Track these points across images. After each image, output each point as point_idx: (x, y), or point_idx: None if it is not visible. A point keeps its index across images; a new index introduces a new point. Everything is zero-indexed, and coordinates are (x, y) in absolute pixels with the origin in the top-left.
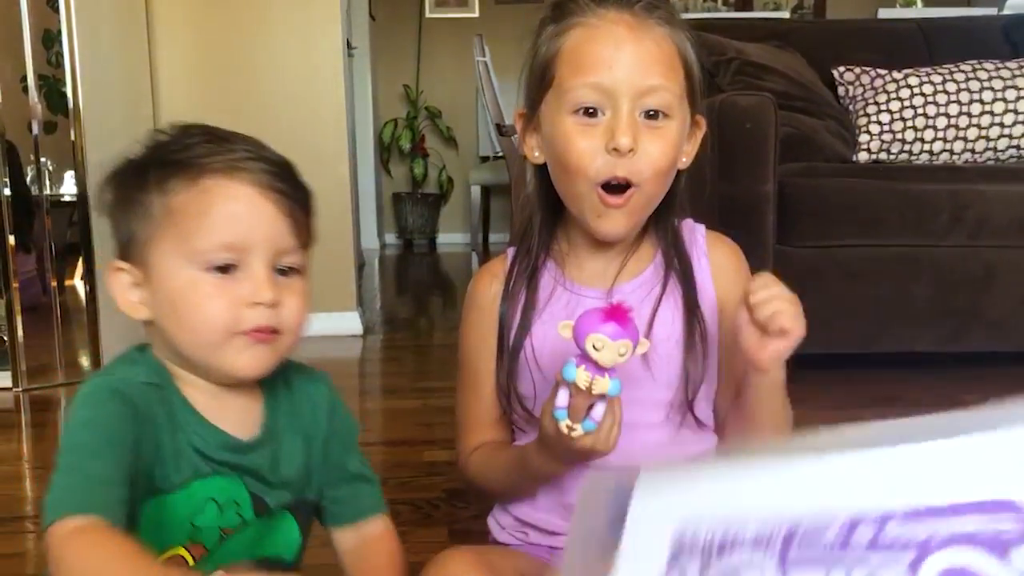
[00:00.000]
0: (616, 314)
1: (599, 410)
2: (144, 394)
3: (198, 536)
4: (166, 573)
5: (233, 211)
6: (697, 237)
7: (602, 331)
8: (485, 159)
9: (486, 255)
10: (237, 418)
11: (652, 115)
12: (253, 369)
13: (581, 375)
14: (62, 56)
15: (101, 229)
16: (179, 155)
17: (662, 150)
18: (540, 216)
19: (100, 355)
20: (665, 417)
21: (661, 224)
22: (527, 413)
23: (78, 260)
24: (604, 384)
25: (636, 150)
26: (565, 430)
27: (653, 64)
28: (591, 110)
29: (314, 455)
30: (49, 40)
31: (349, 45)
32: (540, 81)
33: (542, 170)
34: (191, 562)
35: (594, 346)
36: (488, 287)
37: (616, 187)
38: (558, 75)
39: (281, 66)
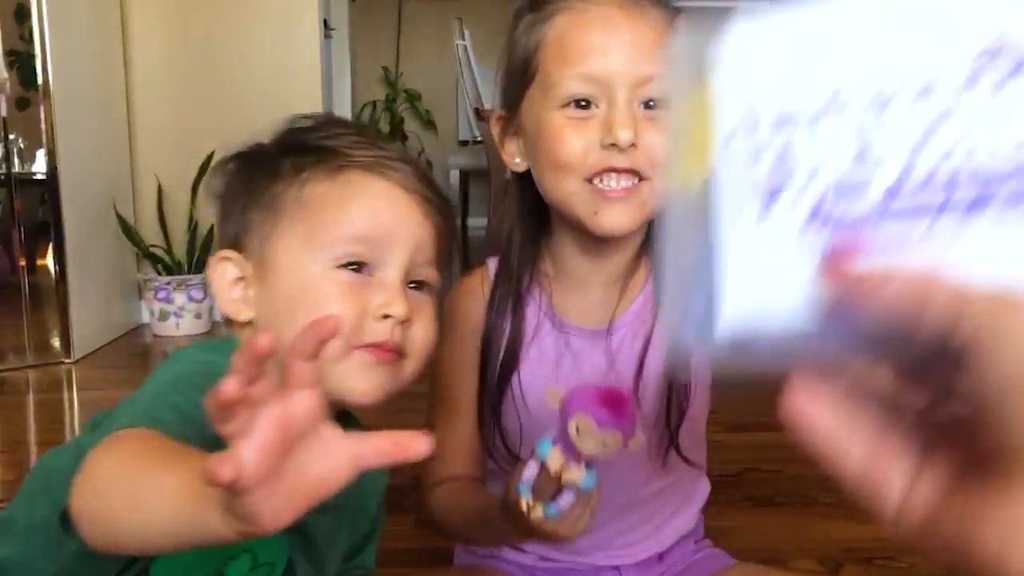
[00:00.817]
0: (612, 400)
1: (567, 499)
2: None
3: None
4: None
5: (375, 205)
6: None
7: (593, 415)
8: (464, 143)
9: (465, 239)
10: None
11: (652, 106)
12: (369, 393)
13: (554, 457)
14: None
15: (71, 209)
16: (323, 142)
17: None
18: (520, 232)
19: (70, 336)
20: (646, 456)
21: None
22: (507, 450)
23: (48, 240)
24: (576, 476)
25: (638, 144)
26: (524, 508)
27: (652, 49)
28: (583, 102)
29: (346, 535)
30: (21, 15)
31: (327, 26)
32: (521, 77)
33: (522, 180)
34: None
35: (577, 428)
36: (468, 310)
37: (615, 174)
38: (542, 68)
39: (256, 46)
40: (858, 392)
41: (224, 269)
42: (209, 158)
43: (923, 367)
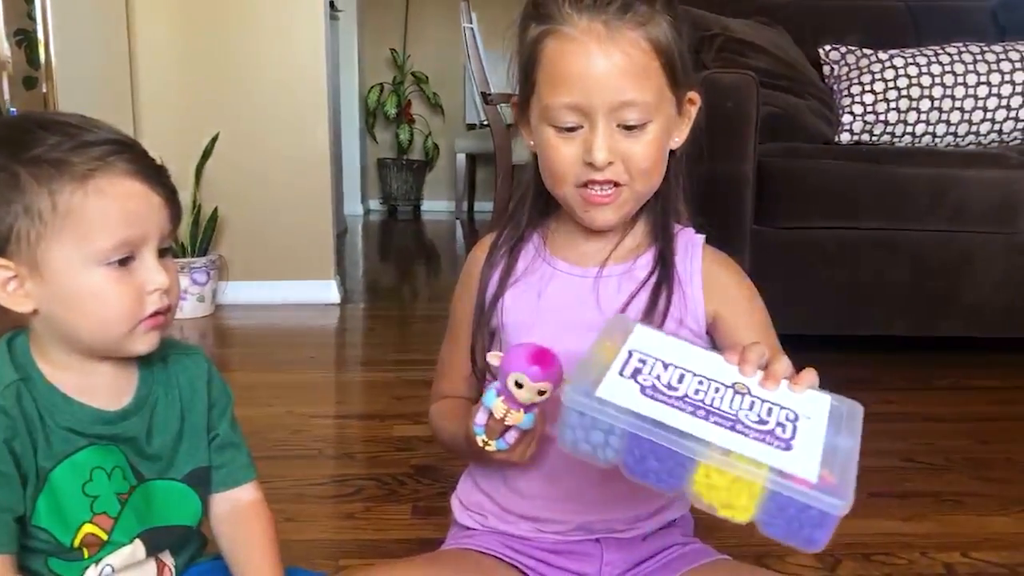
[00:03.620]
0: (541, 357)
1: (512, 435)
2: (11, 394)
3: (99, 506)
4: None
5: (130, 209)
6: (696, 250)
7: (526, 372)
8: (472, 127)
9: (471, 223)
10: (109, 392)
11: (630, 126)
12: (151, 349)
13: (498, 406)
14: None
15: None
16: (51, 154)
17: (643, 153)
18: (532, 192)
19: None
20: None
21: (657, 214)
22: (489, 372)
23: None
24: (517, 418)
25: (615, 161)
26: (480, 444)
27: (624, 78)
28: (569, 127)
29: (189, 424)
30: None
31: (334, 7)
32: (525, 83)
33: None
34: (104, 536)
35: (516, 383)
36: (477, 256)
37: (601, 183)
38: (538, 86)
39: (261, 27)
40: None
41: None
42: (213, 140)
43: None
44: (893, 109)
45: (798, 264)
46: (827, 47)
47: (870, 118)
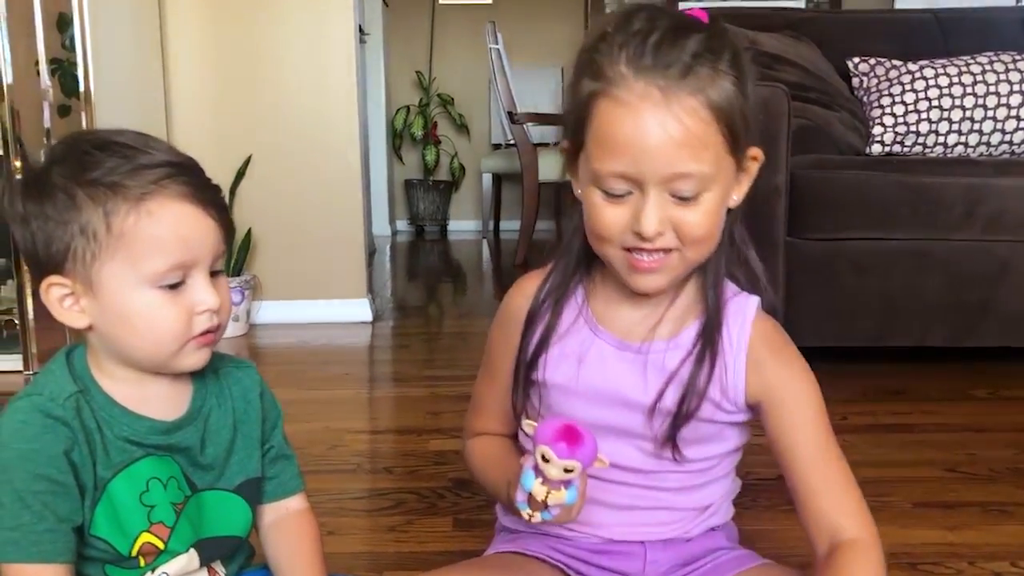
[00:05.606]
0: (568, 435)
1: (555, 511)
2: (71, 406)
3: (156, 516)
4: None
5: (182, 233)
6: (745, 324)
7: (553, 447)
8: (497, 147)
9: (497, 242)
10: (163, 403)
11: (683, 197)
12: (201, 365)
13: (538, 489)
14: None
15: None
16: (108, 177)
17: (696, 222)
18: (580, 243)
19: None
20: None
21: (707, 275)
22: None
23: None
24: (560, 497)
25: (665, 231)
26: (526, 517)
27: (679, 149)
28: (618, 193)
29: (241, 434)
30: (64, 24)
31: (361, 31)
32: (575, 135)
33: None
34: (161, 545)
35: (543, 456)
36: (519, 305)
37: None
38: (588, 146)
39: (293, 52)
40: None
41: (52, 292)
42: (247, 163)
43: None
44: (924, 120)
45: (832, 275)
46: (856, 59)
47: (901, 129)
